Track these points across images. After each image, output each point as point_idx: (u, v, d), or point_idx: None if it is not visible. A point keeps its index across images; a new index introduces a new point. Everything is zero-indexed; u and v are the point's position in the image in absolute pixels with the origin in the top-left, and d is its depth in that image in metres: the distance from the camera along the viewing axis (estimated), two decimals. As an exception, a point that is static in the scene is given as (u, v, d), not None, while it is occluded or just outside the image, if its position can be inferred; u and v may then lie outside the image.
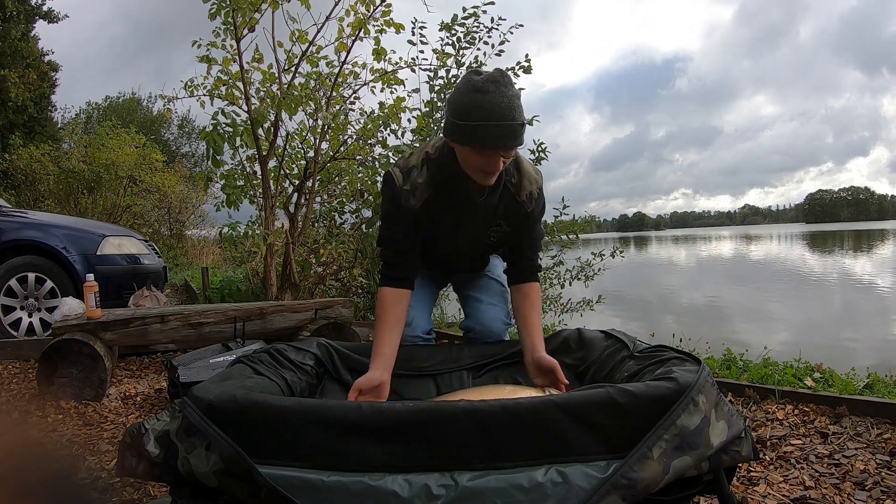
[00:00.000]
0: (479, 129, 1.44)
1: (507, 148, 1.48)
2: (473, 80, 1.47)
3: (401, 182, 1.64)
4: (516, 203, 1.69)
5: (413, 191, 1.64)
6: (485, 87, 1.44)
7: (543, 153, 4.89)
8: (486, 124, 1.43)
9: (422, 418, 1.01)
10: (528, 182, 1.69)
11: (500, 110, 1.43)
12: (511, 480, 0.96)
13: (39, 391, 2.68)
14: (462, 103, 1.47)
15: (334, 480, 0.96)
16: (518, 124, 1.46)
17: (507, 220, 1.72)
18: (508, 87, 1.47)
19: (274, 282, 4.14)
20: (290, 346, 1.68)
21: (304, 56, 4.04)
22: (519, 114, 1.46)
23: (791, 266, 17.53)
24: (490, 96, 1.44)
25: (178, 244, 13.32)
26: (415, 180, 1.64)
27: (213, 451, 1.00)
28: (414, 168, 1.66)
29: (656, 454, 1.01)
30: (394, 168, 1.69)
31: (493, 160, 1.50)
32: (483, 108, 1.43)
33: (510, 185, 1.67)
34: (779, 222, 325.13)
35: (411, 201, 1.64)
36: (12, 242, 4.15)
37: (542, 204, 1.76)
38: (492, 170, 1.52)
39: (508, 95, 1.45)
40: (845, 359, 4.44)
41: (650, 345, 1.53)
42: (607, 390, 1.07)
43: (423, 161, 1.65)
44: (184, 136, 21.97)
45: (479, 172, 1.54)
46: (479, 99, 1.44)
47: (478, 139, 1.46)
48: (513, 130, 1.45)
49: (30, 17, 12.77)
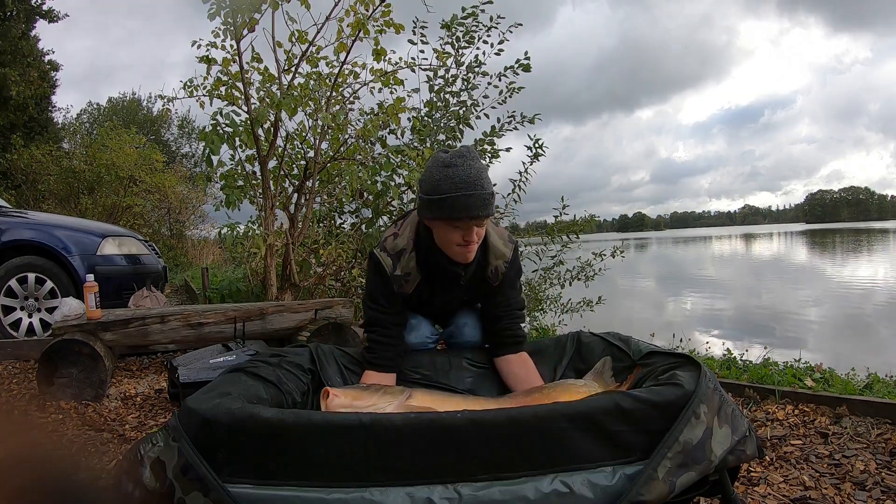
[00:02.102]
0: (448, 200, 1.51)
1: (477, 217, 1.53)
2: (441, 157, 1.56)
3: (391, 268, 1.67)
4: (484, 278, 1.73)
5: (405, 276, 1.67)
6: (452, 162, 1.53)
7: (541, 149, 4.89)
8: (454, 195, 1.50)
9: (423, 429, 0.99)
10: (494, 257, 1.72)
11: (468, 181, 1.51)
12: (516, 491, 0.95)
13: (39, 391, 2.68)
14: (432, 179, 1.55)
15: (336, 498, 0.94)
16: (487, 193, 1.53)
17: (479, 293, 1.78)
18: (475, 160, 1.55)
19: (274, 282, 4.14)
20: (285, 352, 1.66)
21: (304, 56, 4.03)
22: (486, 184, 1.54)
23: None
24: (458, 169, 1.52)
25: (178, 244, 13.31)
26: (406, 265, 1.67)
27: (209, 497, 0.98)
28: (404, 251, 1.68)
29: (661, 474, 1.01)
30: (380, 252, 1.71)
31: (468, 231, 1.55)
32: (451, 181, 1.51)
33: (477, 262, 1.70)
34: (779, 222, 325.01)
35: (404, 287, 1.68)
36: (12, 242, 4.15)
37: (513, 271, 1.78)
38: (467, 240, 1.57)
39: (476, 168, 1.53)
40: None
41: (649, 345, 1.53)
42: (612, 396, 1.07)
43: (413, 245, 1.68)
44: (184, 137, 21.96)
45: (455, 247, 1.59)
46: (448, 173, 1.52)
47: (447, 209, 1.52)
48: (482, 199, 1.52)
49: (30, 16, 12.76)
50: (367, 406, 1.40)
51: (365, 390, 1.45)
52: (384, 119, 4.19)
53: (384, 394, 1.43)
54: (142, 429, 2.39)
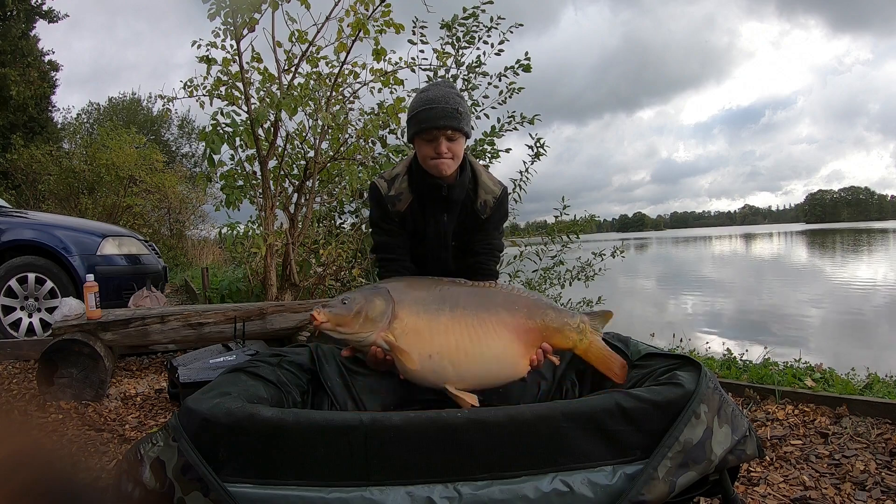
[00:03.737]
0: (418, 114, 1.71)
1: (440, 128, 1.68)
2: (421, 88, 1.76)
3: (385, 190, 1.83)
4: (473, 210, 1.86)
5: (398, 196, 1.82)
6: (426, 87, 1.76)
7: (542, 148, 4.89)
8: (423, 109, 1.70)
9: (423, 428, 0.99)
10: (484, 192, 1.86)
11: (436, 98, 1.70)
12: (516, 490, 0.95)
13: (39, 391, 2.68)
14: (411, 105, 1.77)
15: (336, 497, 0.94)
16: (450, 108, 1.68)
17: (466, 226, 1.88)
18: (448, 86, 1.76)
19: (274, 282, 4.14)
20: (285, 352, 1.66)
21: (304, 56, 4.03)
22: (452, 101, 1.69)
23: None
24: (429, 91, 1.75)
25: (178, 244, 13.31)
26: (399, 187, 1.83)
27: (209, 497, 0.98)
28: (398, 176, 1.85)
29: (662, 473, 1.00)
30: (378, 179, 1.88)
31: (437, 144, 1.70)
32: (422, 98, 1.73)
33: (469, 194, 1.85)
34: (779, 222, 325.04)
35: (397, 206, 1.82)
36: (12, 242, 4.15)
37: (500, 213, 1.91)
38: (438, 152, 1.71)
39: (443, 89, 1.73)
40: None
41: (648, 346, 1.53)
42: (613, 396, 1.07)
43: (406, 170, 1.84)
44: (184, 137, 21.96)
45: (430, 161, 1.74)
46: (421, 95, 1.76)
47: (416, 123, 1.71)
48: (444, 112, 1.68)
49: (30, 16, 12.77)
50: (351, 334, 1.44)
51: (349, 315, 1.46)
52: (384, 119, 4.19)
53: (365, 321, 1.45)
54: (142, 429, 2.39)
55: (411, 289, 1.55)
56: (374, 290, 1.51)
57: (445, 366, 1.45)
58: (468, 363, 1.46)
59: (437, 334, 1.45)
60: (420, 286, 1.57)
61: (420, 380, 1.49)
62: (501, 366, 1.51)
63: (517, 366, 1.51)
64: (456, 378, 1.46)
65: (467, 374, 1.47)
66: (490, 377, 1.52)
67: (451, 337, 1.45)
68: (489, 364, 1.49)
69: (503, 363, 1.50)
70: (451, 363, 1.46)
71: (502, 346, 1.49)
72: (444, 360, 1.45)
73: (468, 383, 1.48)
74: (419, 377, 1.48)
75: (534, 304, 1.56)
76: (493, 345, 1.48)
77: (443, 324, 1.47)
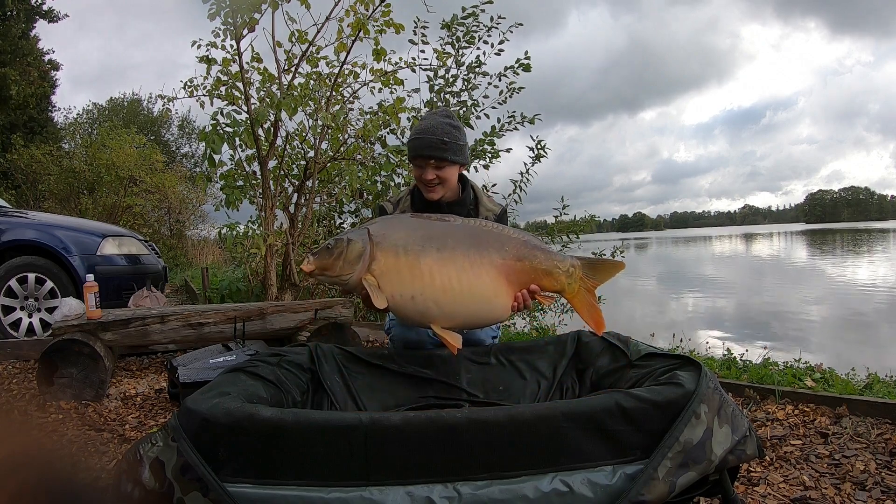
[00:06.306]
0: (410, 142, 1.86)
1: (425, 157, 1.79)
2: (423, 115, 1.86)
3: (391, 211, 1.98)
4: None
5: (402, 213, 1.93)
6: (424, 116, 1.89)
7: (543, 149, 4.89)
8: (414, 138, 1.83)
9: (423, 428, 0.99)
10: (485, 209, 2.00)
11: (426, 128, 1.81)
12: (515, 490, 0.95)
13: (39, 391, 2.68)
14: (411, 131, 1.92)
15: (335, 497, 0.94)
16: (437, 139, 1.77)
17: None
18: (445, 116, 1.85)
19: (274, 282, 4.14)
20: (285, 352, 1.66)
21: (304, 56, 4.03)
22: (442, 132, 1.78)
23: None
24: (424, 121, 1.86)
25: (178, 244, 13.31)
26: (403, 207, 1.97)
27: (209, 497, 0.98)
28: (403, 198, 2.01)
29: (662, 474, 1.01)
30: (385, 202, 2.06)
31: (425, 170, 1.82)
32: (416, 128, 1.86)
33: (469, 212, 1.97)
34: (779, 222, 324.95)
35: None
36: (12, 242, 4.15)
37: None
38: (425, 178, 1.82)
39: (438, 118, 1.83)
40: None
41: (648, 346, 1.53)
42: (613, 396, 1.07)
43: (409, 193, 2.00)
44: (184, 137, 21.96)
45: (421, 184, 1.87)
46: (417, 124, 1.87)
47: (409, 149, 1.86)
48: (430, 142, 1.78)
49: (30, 16, 12.77)
50: (335, 277, 1.53)
51: (330, 259, 1.52)
52: (384, 119, 4.19)
53: (345, 263, 1.51)
54: (142, 429, 2.39)
55: (394, 230, 1.57)
56: (355, 233, 1.56)
57: (430, 306, 1.47)
58: (454, 303, 1.48)
59: (420, 275, 1.46)
60: (405, 226, 1.60)
61: (405, 319, 1.54)
62: (489, 306, 1.53)
63: (504, 307, 1.53)
64: (442, 318, 1.48)
65: (454, 314, 1.49)
66: (477, 317, 1.55)
67: (435, 277, 1.46)
68: (476, 305, 1.51)
69: (491, 304, 1.53)
70: (435, 303, 1.47)
71: (490, 286, 1.50)
72: (429, 301, 1.47)
73: (455, 323, 1.50)
74: (404, 316, 1.52)
75: (524, 244, 1.58)
76: (481, 285, 1.49)
77: (427, 264, 1.48)
